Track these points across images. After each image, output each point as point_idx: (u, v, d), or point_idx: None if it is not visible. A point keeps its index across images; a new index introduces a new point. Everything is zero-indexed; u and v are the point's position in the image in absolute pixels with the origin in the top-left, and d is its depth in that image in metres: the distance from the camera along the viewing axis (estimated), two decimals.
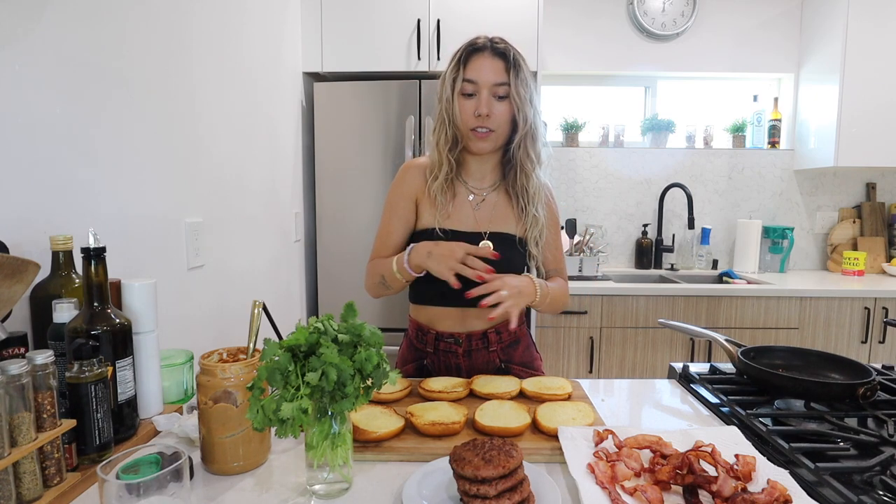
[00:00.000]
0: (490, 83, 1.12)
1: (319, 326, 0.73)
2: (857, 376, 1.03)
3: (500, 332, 1.22)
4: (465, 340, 1.20)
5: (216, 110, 1.56)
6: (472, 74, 1.12)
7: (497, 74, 1.11)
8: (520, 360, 1.26)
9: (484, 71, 1.12)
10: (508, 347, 1.24)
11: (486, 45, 1.13)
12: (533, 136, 1.16)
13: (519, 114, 1.13)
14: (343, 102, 2.40)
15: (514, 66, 1.12)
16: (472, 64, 1.12)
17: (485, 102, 1.12)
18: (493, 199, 1.23)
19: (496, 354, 1.23)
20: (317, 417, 0.71)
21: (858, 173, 3.00)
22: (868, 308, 2.47)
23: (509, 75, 1.11)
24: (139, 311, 0.90)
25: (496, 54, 1.12)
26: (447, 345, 1.22)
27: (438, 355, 1.23)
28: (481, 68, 1.12)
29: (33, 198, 0.90)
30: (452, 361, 1.22)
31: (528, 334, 1.31)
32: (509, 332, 1.22)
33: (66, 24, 0.97)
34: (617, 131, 3.03)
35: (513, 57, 1.12)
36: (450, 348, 1.21)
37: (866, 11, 2.57)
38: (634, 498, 0.69)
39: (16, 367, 0.64)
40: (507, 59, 1.12)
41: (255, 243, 1.88)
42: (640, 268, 3.00)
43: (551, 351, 2.51)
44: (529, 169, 1.18)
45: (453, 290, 1.07)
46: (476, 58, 1.12)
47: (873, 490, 0.72)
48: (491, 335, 1.21)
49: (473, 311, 1.18)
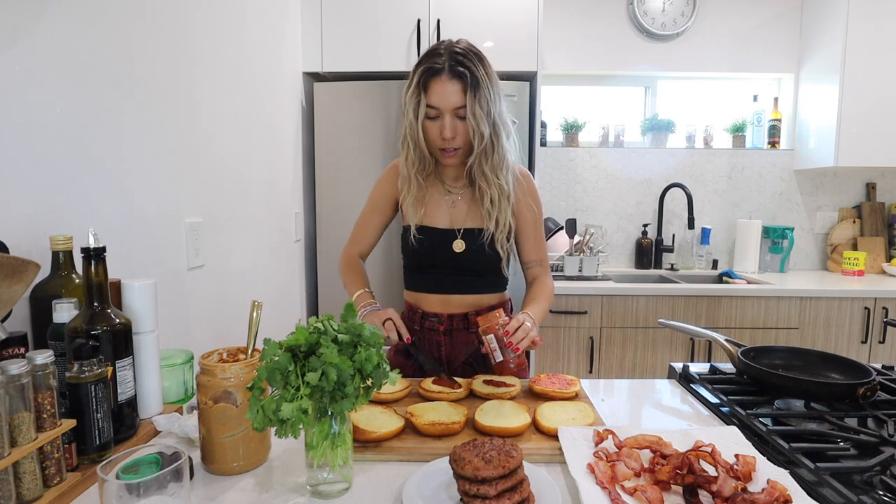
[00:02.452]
0: (451, 107, 1.13)
1: (319, 326, 0.73)
2: (857, 376, 1.03)
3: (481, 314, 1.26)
4: (447, 320, 1.29)
5: (216, 110, 1.56)
6: (433, 100, 1.13)
7: (457, 97, 1.12)
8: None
9: (444, 96, 1.13)
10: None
11: (444, 67, 1.12)
12: (488, 150, 1.18)
13: (475, 135, 1.15)
14: (343, 102, 2.40)
15: (472, 85, 1.12)
16: (431, 89, 1.13)
17: (448, 127, 1.14)
18: (467, 196, 1.28)
19: (475, 335, 1.28)
20: (317, 417, 0.71)
21: (858, 173, 3.00)
22: (868, 308, 2.47)
23: (466, 96, 1.12)
24: (139, 311, 0.90)
25: (454, 76, 1.12)
26: (431, 323, 1.31)
27: (424, 332, 1.32)
28: (441, 94, 1.13)
29: (33, 198, 0.90)
30: (434, 339, 1.31)
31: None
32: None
33: (66, 25, 0.97)
34: (617, 131, 3.03)
35: (470, 76, 1.12)
36: (433, 326, 1.30)
37: (866, 11, 2.57)
38: (634, 498, 0.69)
39: (16, 367, 0.64)
40: (464, 81, 1.12)
41: (255, 243, 1.88)
42: (640, 268, 3.00)
43: (551, 351, 2.51)
44: (489, 179, 1.21)
45: (439, 281, 1.28)
46: (435, 83, 1.13)
47: (873, 490, 0.72)
48: (471, 317, 1.29)
49: (455, 298, 1.29)
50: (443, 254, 1.26)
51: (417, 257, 1.29)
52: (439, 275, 1.29)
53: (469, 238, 1.25)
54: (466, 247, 1.25)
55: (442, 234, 1.27)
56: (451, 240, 1.26)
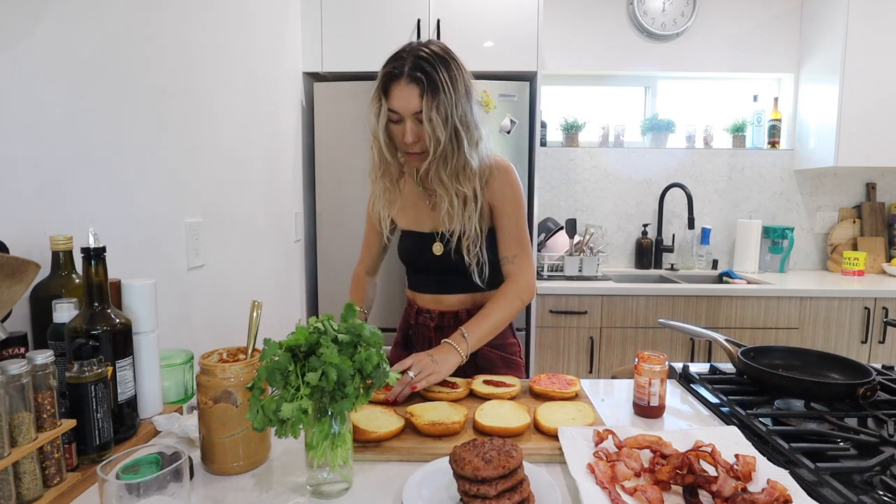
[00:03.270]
0: (411, 112, 1.12)
1: (319, 326, 0.73)
2: (857, 376, 1.03)
3: (471, 313, 1.27)
4: (438, 317, 1.31)
5: (216, 110, 1.56)
6: (394, 105, 1.13)
7: (415, 102, 1.11)
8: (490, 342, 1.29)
9: (402, 101, 1.12)
10: None
11: (403, 72, 1.11)
12: (447, 156, 1.15)
13: (430, 140, 1.13)
14: (343, 102, 2.40)
15: (430, 90, 1.10)
16: (392, 94, 1.12)
17: (409, 131, 1.13)
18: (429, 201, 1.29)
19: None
20: (317, 417, 0.71)
21: (858, 173, 3.00)
22: (868, 308, 2.47)
23: (422, 101, 1.10)
24: (139, 311, 0.90)
25: (412, 81, 1.10)
26: (424, 319, 1.34)
27: (418, 327, 1.35)
28: (400, 98, 1.12)
29: (33, 198, 0.90)
30: (426, 334, 1.33)
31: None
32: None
33: (66, 25, 0.97)
34: (617, 131, 3.03)
35: (427, 82, 1.10)
36: (425, 322, 1.33)
37: (866, 11, 2.57)
38: (634, 498, 0.69)
39: (16, 367, 0.64)
40: (421, 85, 1.10)
41: (255, 243, 1.88)
42: (640, 268, 3.00)
43: (551, 351, 2.51)
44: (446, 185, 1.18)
45: (428, 282, 1.32)
46: (394, 87, 1.12)
47: (873, 490, 0.72)
48: (462, 315, 1.30)
49: (445, 297, 1.31)
50: (424, 256, 1.29)
51: (405, 259, 1.35)
52: (427, 276, 1.33)
53: (445, 241, 1.26)
54: (444, 250, 1.26)
55: (421, 237, 1.29)
56: (431, 243, 1.28)
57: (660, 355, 1.01)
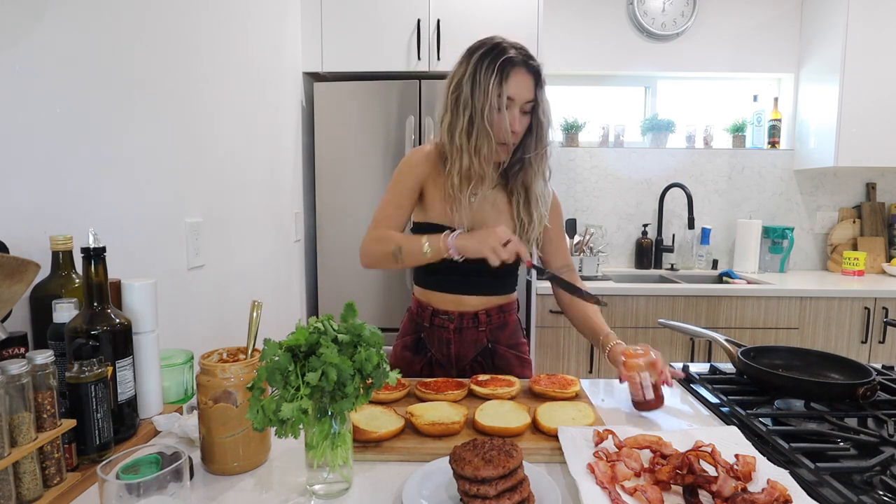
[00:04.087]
0: (525, 100, 1.12)
1: (319, 326, 0.73)
2: (857, 376, 1.03)
3: (491, 314, 1.29)
4: (458, 318, 1.28)
5: (216, 110, 1.56)
6: (513, 91, 1.11)
7: (530, 92, 1.12)
8: (506, 342, 1.33)
9: (521, 88, 1.11)
10: (497, 329, 1.31)
11: (520, 59, 1.11)
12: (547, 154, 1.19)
13: (542, 130, 1.15)
14: (343, 102, 2.40)
15: (541, 83, 1.13)
16: (512, 79, 1.11)
17: (518, 120, 1.13)
18: (491, 198, 1.26)
19: (485, 334, 1.30)
20: (317, 417, 0.71)
21: (858, 173, 3.00)
22: (868, 308, 2.47)
23: (536, 93, 1.13)
24: (139, 311, 0.90)
25: (529, 70, 1.11)
26: (441, 320, 1.29)
27: (433, 329, 1.30)
28: (519, 85, 1.11)
29: (33, 198, 0.90)
30: (444, 336, 1.29)
31: (517, 320, 1.38)
32: (499, 315, 1.31)
33: (66, 25, 0.97)
34: (617, 131, 3.03)
35: (540, 74, 1.12)
36: (443, 324, 1.29)
37: (866, 11, 2.57)
38: (634, 498, 0.69)
39: (16, 367, 0.64)
40: (538, 76, 1.12)
41: (255, 243, 1.88)
42: (640, 268, 3.00)
43: (551, 351, 2.51)
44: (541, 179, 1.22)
45: (452, 281, 1.26)
46: (514, 73, 1.11)
47: (873, 490, 0.72)
48: (481, 316, 1.28)
49: (467, 298, 1.28)
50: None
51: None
52: (450, 275, 1.26)
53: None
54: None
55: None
56: None
57: (641, 346, 1.04)
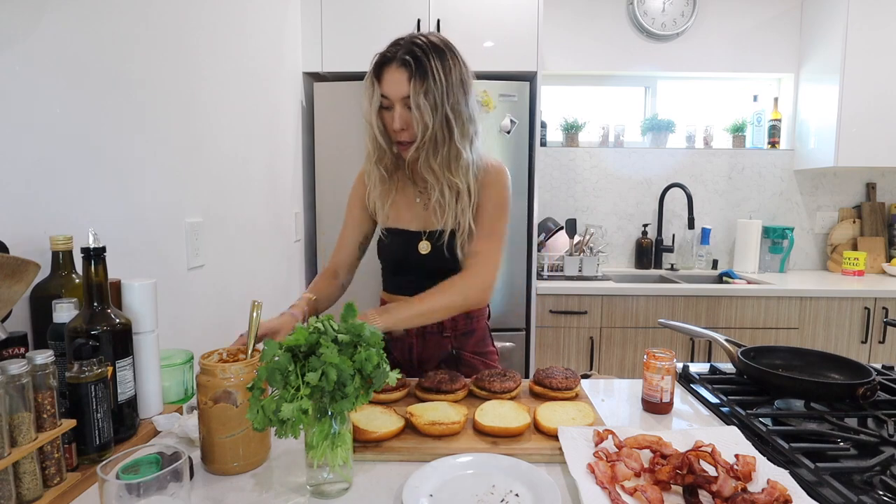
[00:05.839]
0: (399, 96, 1.11)
1: (319, 326, 0.73)
2: (857, 376, 1.03)
3: (456, 320, 1.26)
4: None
5: (216, 110, 1.55)
6: (385, 89, 1.12)
7: (403, 87, 1.10)
8: (472, 349, 1.31)
9: (392, 85, 1.11)
10: (462, 336, 1.29)
11: (394, 56, 1.10)
12: (438, 144, 1.12)
13: (418, 125, 1.10)
14: (343, 102, 2.40)
15: (419, 75, 1.08)
16: (384, 78, 1.12)
17: (398, 117, 1.12)
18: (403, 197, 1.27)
19: (449, 341, 1.28)
20: (317, 417, 0.71)
21: (858, 173, 3.00)
22: (868, 308, 2.47)
23: (410, 86, 1.09)
24: (139, 311, 0.90)
25: (401, 65, 1.09)
26: None
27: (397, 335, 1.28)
28: (390, 83, 1.11)
29: (33, 198, 0.90)
30: (407, 340, 1.28)
31: (485, 327, 1.35)
32: (465, 322, 1.28)
33: (66, 25, 0.97)
34: (617, 131, 3.03)
35: (415, 66, 1.08)
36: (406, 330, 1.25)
37: (866, 11, 2.57)
38: (634, 498, 0.69)
39: (16, 367, 0.64)
40: (409, 69, 1.09)
41: (255, 243, 1.88)
42: (640, 268, 3.00)
43: (551, 351, 2.51)
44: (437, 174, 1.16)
45: (408, 281, 1.23)
46: (386, 71, 1.12)
47: (873, 490, 0.72)
48: (446, 322, 1.26)
49: None
50: (409, 255, 1.24)
51: (387, 259, 1.29)
52: (410, 277, 1.25)
53: (434, 239, 1.22)
54: (432, 248, 1.21)
55: (408, 235, 1.24)
56: (417, 241, 1.23)
57: (667, 351, 1.03)
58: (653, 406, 1.03)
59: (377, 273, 1.35)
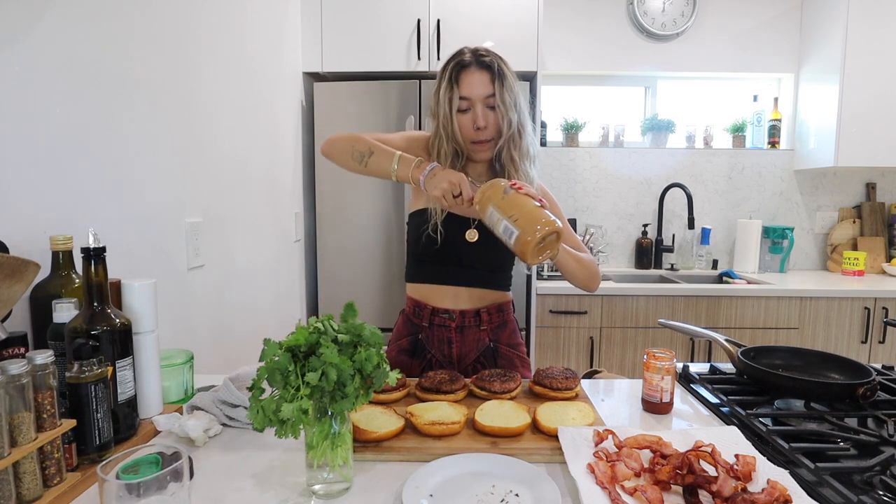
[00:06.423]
0: (482, 96, 1.18)
1: (319, 326, 0.73)
2: (857, 376, 1.03)
3: (491, 312, 1.29)
4: (459, 316, 1.28)
5: (216, 110, 1.56)
6: (465, 91, 1.18)
7: (486, 87, 1.17)
8: (507, 341, 1.34)
9: (475, 86, 1.18)
10: (497, 328, 1.32)
11: (472, 59, 1.18)
12: (518, 136, 1.22)
13: (504, 120, 1.19)
14: (343, 102, 2.40)
15: (499, 75, 1.18)
16: (463, 81, 1.18)
17: (481, 116, 1.18)
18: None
19: (486, 333, 1.30)
20: (317, 417, 0.71)
21: (858, 173, 3.00)
22: (868, 308, 2.47)
23: (494, 85, 1.17)
24: (139, 311, 0.90)
25: (482, 67, 1.18)
26: (442, 319, 1.28)
27: (433, 329, 1.29)
28: (472, 84, 1.18)
29: (33, 198, 0.90)
30: (445, 335, 1.28)
31: (514, 320, 1.38)
32: (498, 314, 1.31)
33: (66, 25, 0.97)
34: (617, 131, 3.03)
35: (497, 67, 1.18)
36: (444, 323, 1.28)
37: (866, 11, 2.57)
38: (634, 498, 0.69)
39: (16, 367, 0.64)
40: (492, 71, 1.17)
41: (255, 243, 1.88)
42: (640, 268, 3.00)
43: (551, 351, 2.51)
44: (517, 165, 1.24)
45: (447, 270, 1.25)
46: (465, 74, 1.18)
47: (873, 490, 0.72)
48: (483, 314, 1.28)
49: (464, 291, 1.27)
50: (455, 243, 1.23)
51: (428, 244, 1.23)
52: (449, 267, 1.25)
53: (484, 228, 1.19)
54: (480, 237, 1.22)
55: (457, 220, 1.23)
56: (465, 228, 1.23)
57: (667, 351, 1.03)
58: (653, 406, 1.03)
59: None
